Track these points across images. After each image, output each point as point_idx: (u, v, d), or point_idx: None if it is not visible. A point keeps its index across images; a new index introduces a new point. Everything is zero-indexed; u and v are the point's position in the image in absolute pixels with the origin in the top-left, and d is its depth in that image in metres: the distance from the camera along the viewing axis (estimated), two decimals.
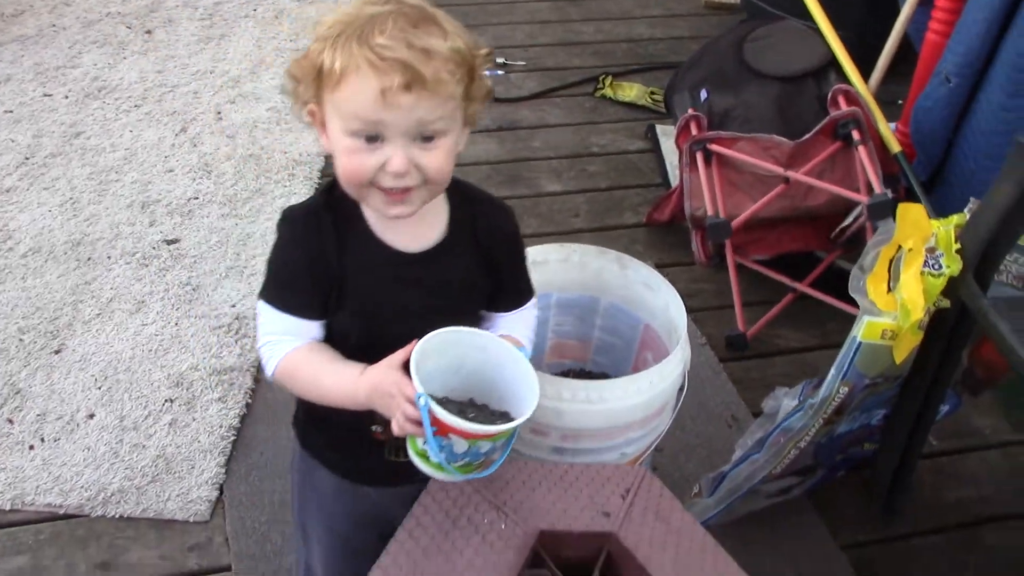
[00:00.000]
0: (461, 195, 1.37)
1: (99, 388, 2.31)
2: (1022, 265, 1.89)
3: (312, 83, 1.21)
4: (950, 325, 1.77)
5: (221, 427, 2.23)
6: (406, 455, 1.27)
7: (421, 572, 1.31)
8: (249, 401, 2.31)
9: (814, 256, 2.74)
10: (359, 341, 1.30)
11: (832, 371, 1.77)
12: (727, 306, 2.65)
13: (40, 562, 1.96)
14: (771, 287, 2.69)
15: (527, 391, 1.24)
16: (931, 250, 1.70)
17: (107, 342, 2.43)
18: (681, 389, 1.83)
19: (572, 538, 1.37)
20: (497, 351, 1.27)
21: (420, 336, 1.21)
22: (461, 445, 1.20)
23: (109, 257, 2.70)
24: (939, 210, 1.85)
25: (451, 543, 1.35)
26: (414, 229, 1.31)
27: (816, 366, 2.52)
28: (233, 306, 2.55)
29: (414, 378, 1.17)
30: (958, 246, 1.69)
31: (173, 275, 2.65)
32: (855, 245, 2.65)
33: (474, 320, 1.40)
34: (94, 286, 2.60)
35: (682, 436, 2.29)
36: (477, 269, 1.36)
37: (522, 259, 1.44)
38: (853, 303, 2.43)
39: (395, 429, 1.21)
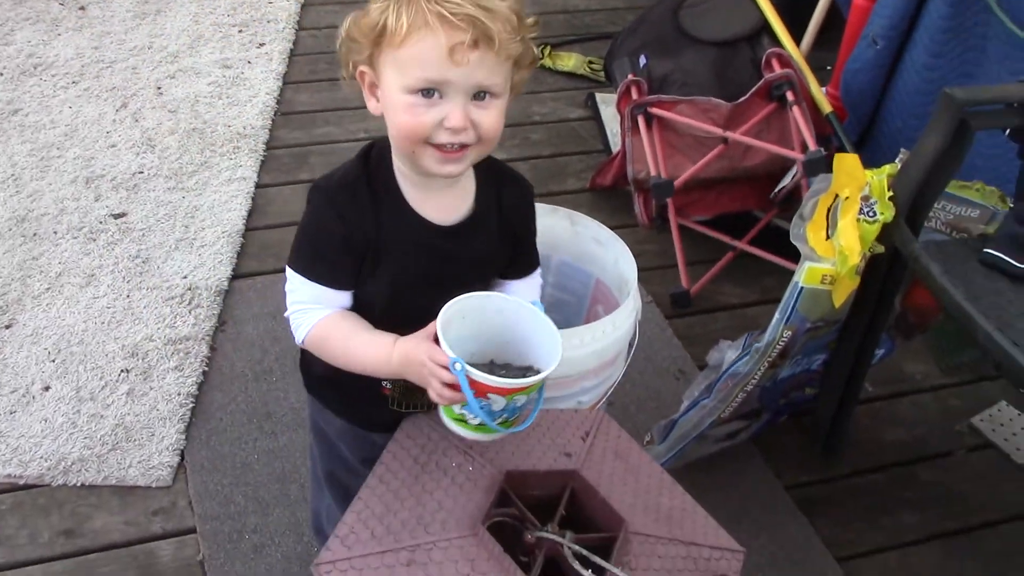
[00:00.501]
0: (487, 169, 1.40)
1: (53, 361, 2.31)
2: (950, 212, 2.00)
3: (371, 43, 1.22)
4: (884, 270, 1.87)
5: (179, 395, 2.25)
6: (410, 407, 1.32)
7: (394, 514, 1.35)
8: (206, 369, 2.33)
9: (752, 215, 2.84)
10: (384, 310, 1.34)
11: (776, 315, 1.86)
12: (670, 265, 2.73)
13: (2, 532, 1.97)
14: (712, 246, 2.78)
15: (548, 342, 1.29)
16: (866, 198, 1.78)
17: (59, 316, 2.43)
18: (633, 339, 1.90)
19: (537, 477, 1.43)
20: (514, 310, 1.31)
21: (442, 305, 1.25)
22: (499, 403, 1.25)
23: (55, 232, 2.69)
24: (870, 167, 1.95)
25: (421, 486, 1.39)
26: (446, 202, 1.35)
27: (757, 320, 2.62)
28: (185, 277, 2.57)
29: (443, 345, 1.20)
30: (891, 194, 1.78)
31: (122, 248, 2.65)
32: (791, 204, 2.75)
33: (488, 288, 1.44)
34: (42, 261, 2.59)
35: (632, 390, 2.37)
36: (499, 242, 1.42)
37: (535, 232, 1.49)
38: (790, 259, 2.53)
39: (433, 397, 1.25)
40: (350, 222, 1.30)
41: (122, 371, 2.30)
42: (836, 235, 1.79)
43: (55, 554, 1.94)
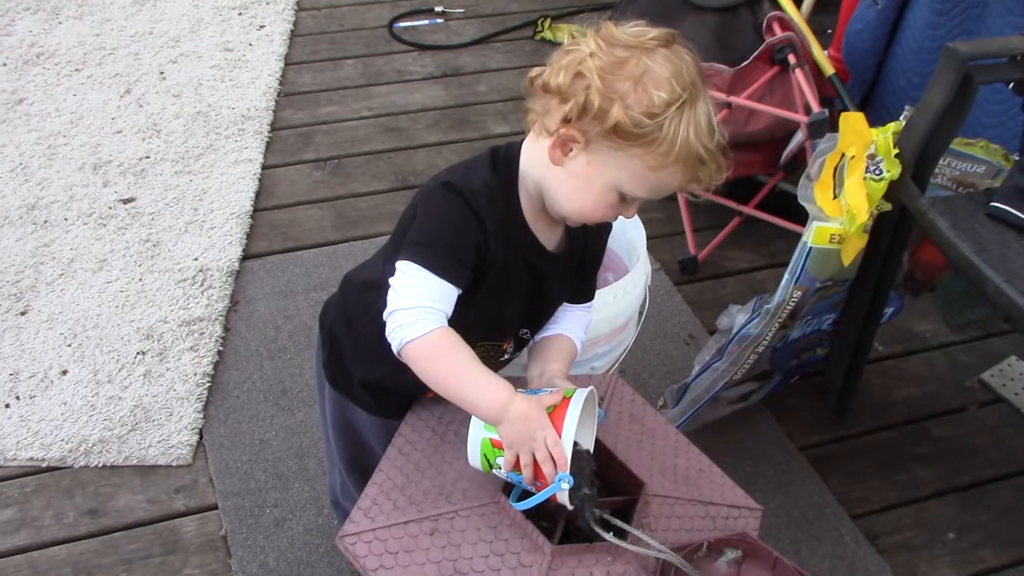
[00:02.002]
0: None
1: (69, 345, 2.34)
2: (955, 168, 2.00)
3: (612, 133, 1.19)
4: (892, 227, 1.88)
5: (195, 375, 2.27)
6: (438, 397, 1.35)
7: (415, 485, 1.37)
8: (220, 349, 2.36)
9: (757, 180, 2.84)
10: (474, 321, 1.33)
11: (786, 276, 1.87)
12: (678, 232, 2.75)
13: (28, 513, 2.00)
14: (719, 212, 2.79)
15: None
16: (872, 156, 1.79)
17: (73, 301, 2.45)
18: (643, 305, 1.92)
19: None
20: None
21: (516, 319, 1.38)
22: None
23: (66, 219, 2.70)
24: (874, 127, 1.95)
25: (441, 457, 1.41)
26: (553, 228, 1.38)
27: (765, 284, 2.63)
28: (196, 259, 2.58)
29: (565, 447, 1.23)
30: (896, 151, 1.78)
31: (132, 233, 2.67)
32: (796, 168, 2.75)
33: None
34: (53, 248, 2.61)
35: (643, 356, 2.38)
36: (576, 272, 1.46)
37: (600, 265, 1.53)
38: (797, 222, 2.54)
39: (522, 460, 1.25)
40: (487, 231, 1.28)
41: (138, 353, 2.32)
42: (843, 194, 1.80)
43: (80, 534, 1.97)
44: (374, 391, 1.50)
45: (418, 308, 1.24)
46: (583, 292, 1.52)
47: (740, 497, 1.49)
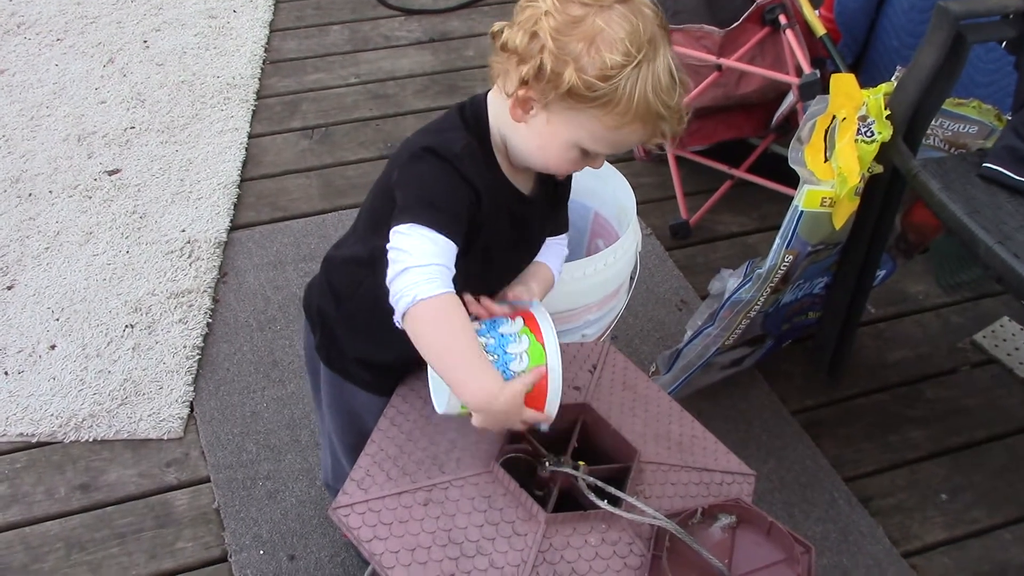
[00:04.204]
0: None
1: (57, 319, 2.32)
2: (948, 129, 1.99)
3: (567, 96, 1.19)
4: (884, 189, 1.86)
5: (185, 347, 2.26)
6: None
7: (408, 456, 1.37)
8: (210, 321, 2.34)
9: (749, 143, 2.82)
10: (470, 276, 1.30)
11: (777, 241, 1.86)
12: (669, 197, 2.73)
13: (19, 489, 1.99)
14: (710, 176, 2.77)
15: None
16: (863, 118, 1.77)
17: (59, 274, 2.43)
18: (634, 271, 1.91)
19: None
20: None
21: (506, 272, 1.42)
22: None
23: (51, 192, 2.67)
24: (866, 87, 1.93)
25: (433, 427, 1.41)
26: (527, 174, 1.37)
27: (757, 248, 2.62)
28: (183, 231, 2.56)
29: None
30: (888, 112, 1.76)
31: (118, 204, 2.64)
32: (787, 130, 2.74)
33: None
34: (39, 221, 2.58)
35: (635, 322, 2.38)
36: (552, 208, 1.46)
37: (569, 196, 1.53)
38: (789, 185, 2.52)
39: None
40: (477, 191, 1.27)
41: (126, 326, 2.30)
42: (834, 157, 1.78)
43: (72, 508, 1.96)
44: (371, 368, 1.49)
45: (432, 266, 1.19)
46: (558, 223, 1.52)
47: (734, 463, 1.49)
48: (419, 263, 1.19)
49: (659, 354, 2.16)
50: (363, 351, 1.47)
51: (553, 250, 1.52)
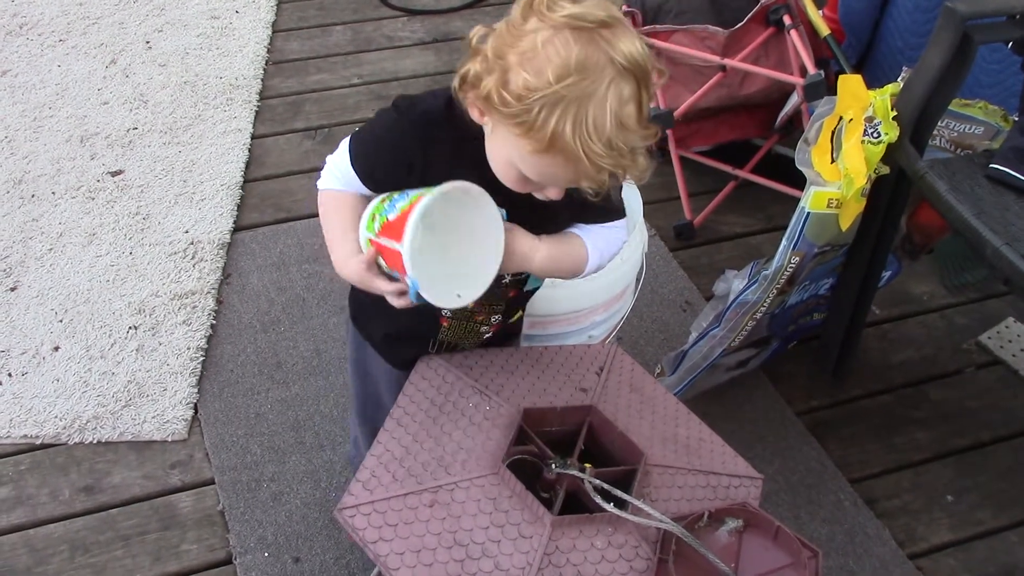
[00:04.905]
0: None
1: (60, 321, 2.31)
2: (954, 130, 1.98)
3: (508, 118, 1.14)
4: (890, 190, 1.86)
5: (189, 349, 2.25)
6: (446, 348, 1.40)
7: (414, 457, 1.36)
8: (213, 322, 2.34)
9: (753, 144, 2.82)
10: None
11: (783, 242, 1.85)
12: (673, 198, 2.72)
13: (23, 491, 1.98)
14: (714, 176, 2.77)
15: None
16: (870, 119, 1.77)
17: (63, 276, 2.42)
18: (640, 272, 1.90)
19: (554, 414, 1.44)
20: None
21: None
22: None
23: (54, 193, 2.67)
24: (871, 88, 1.93)
25: (439, 428, 1.40)
26: None
27: (761, 249, 2.62)
28: (186, 232, 2.56)
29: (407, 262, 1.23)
30: (894, 113, 1.76)
31: (121, 206, 2.64)
32: (791, 131, 2.73)
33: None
34: (42, 222, 2.58)
35: (640, 324, 2.37)
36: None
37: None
38: (793, 186, 2.52)
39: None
40: (427, 152, 1.28)
41: (130, 328, 2.30)
42: (841, 158, 1.78)
43: (76, 511, 1.96)
44: (385, 335, 1.54)
45: (328, 169, 1.40)
46: (592, 211, 1.39)
47: (741, 466, 1.48)
48: (332, 160, 1.40)
49: (664, 356, 2.16)
50: (378, 316, 1.49)
51: (592, 231, 1.42)
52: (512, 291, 1.47)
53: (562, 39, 1.10)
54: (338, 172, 1.38)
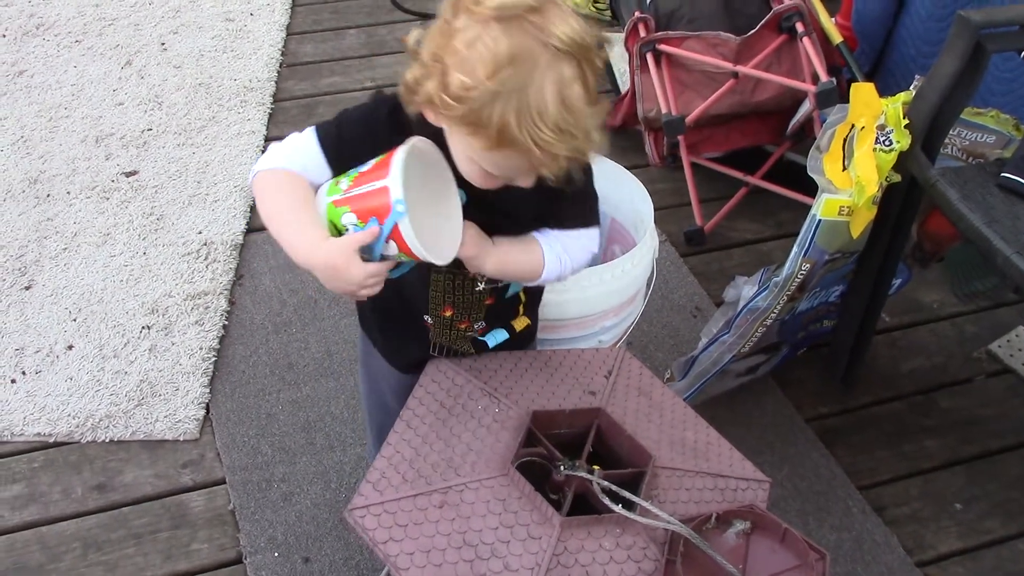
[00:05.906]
0: None
1: (74, 320, 2.33)
2: (966, 138, 1.99)
3: (454, 120, 1.14)
4: (901, 198, 1.86)
5: (201, 349, 2.27)
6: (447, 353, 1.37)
7: (423, 458, 1.37)
8: (226, 323, 2.35)
9: (764, 150, 2.82)
10: None
11: (794, 249, 1.86)
12: (684, 204, 2.73)
13: (36, 488, 2.00)
14: (725, 183, 2.77)
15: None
16: (881, 127, 1.77)
17: (77, 275, 2.44)
18: (651, 277, 1.91)
19: (563, 416, 1.45)
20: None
21: None
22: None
23: (68, 192, 2.69)
24: (883, 96, 1.93)
25: (449, 429, 1.41)
26: None
27: (771, 255, 2.62)
28: (200, 232, 2.57)
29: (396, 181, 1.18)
30: (906, 121, 1.76)
31: (136, 206, 2.65)
32: (802, 138, 2.74)
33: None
34: (57, 222, 2.60)
35: (649, 329, 2.38)
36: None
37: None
38: (804, 193, 2.53)
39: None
40: (390, 133, 1.25)
41: (143, 327, 2.32)
42: (853, 165, 1.78)
43: (88, 509, 1.97)
44: (385, 337, 1.54)
45: (278, 151, 1.29)
46: (557, 216, 1.37)
47: (748, 469, 1.48)
48: (273, 147, 1.29)
49: (674, 361, 2.17)
50: (372, 313, 1.50)
51: (552, 235, 1.38)
52: (488, 299, 1.45)
53: (491, 33, 1.09)
54: (290, 152, 1.29)
